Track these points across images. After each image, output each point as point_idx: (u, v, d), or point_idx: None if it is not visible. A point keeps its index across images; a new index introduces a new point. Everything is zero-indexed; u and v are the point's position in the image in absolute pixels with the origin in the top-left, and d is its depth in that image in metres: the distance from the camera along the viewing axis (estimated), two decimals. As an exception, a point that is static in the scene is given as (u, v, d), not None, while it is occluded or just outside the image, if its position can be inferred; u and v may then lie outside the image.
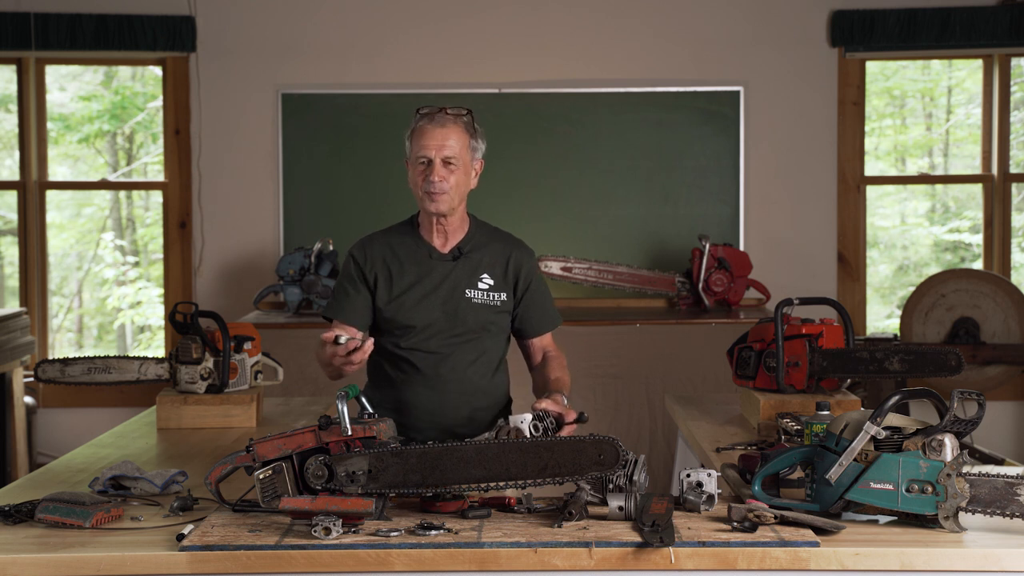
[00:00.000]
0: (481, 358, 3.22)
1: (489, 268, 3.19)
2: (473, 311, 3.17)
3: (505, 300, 3.19)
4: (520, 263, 3.22)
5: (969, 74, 7.11)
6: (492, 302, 3.18)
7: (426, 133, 3.08)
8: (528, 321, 3.27)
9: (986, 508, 2.44)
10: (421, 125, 3.10)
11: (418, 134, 3.10)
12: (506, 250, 3.22)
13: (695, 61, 6.34)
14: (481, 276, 3.18)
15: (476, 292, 3.17)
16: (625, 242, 6.28)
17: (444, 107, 3.11)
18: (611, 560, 2.38)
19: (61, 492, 2.66)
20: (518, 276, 3.21)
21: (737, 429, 3.66)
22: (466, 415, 3.22)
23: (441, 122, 3.08)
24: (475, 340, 3.20)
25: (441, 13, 6.34)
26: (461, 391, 3.21)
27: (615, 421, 5.47)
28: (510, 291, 3.20)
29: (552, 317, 3.32)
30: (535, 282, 3.25)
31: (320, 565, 2.39)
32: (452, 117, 3.10)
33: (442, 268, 3.17)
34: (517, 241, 3.27)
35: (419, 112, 3.14)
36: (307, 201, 6.28)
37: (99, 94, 7.44)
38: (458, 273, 3.17)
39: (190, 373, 3.82)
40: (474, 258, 3.19)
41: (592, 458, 2.51)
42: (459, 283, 3.16)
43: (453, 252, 3.17)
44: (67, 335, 7.71)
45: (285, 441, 2.62)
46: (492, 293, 3.18)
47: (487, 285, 3.17)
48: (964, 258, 7.39)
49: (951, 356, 3.51)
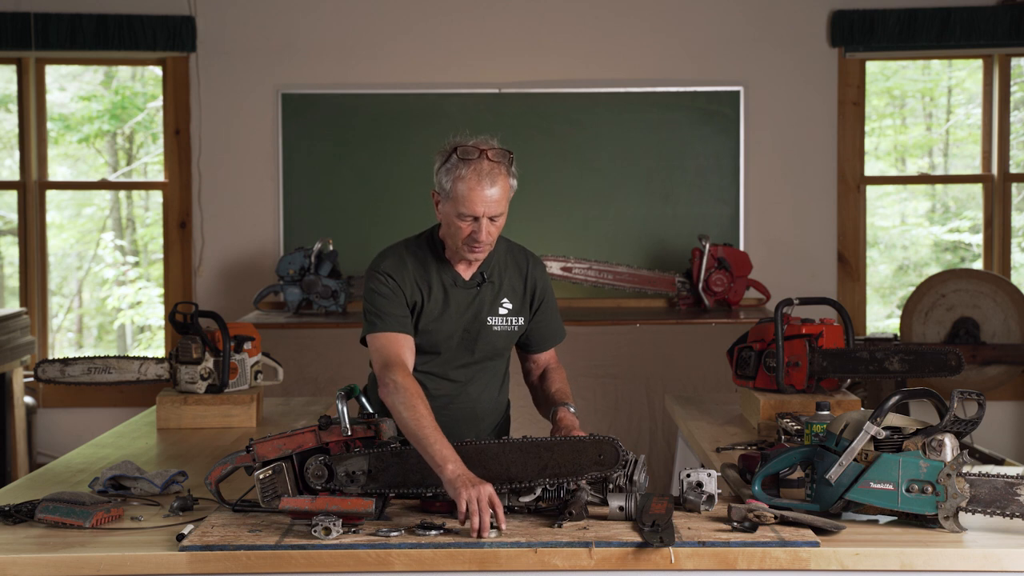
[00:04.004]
0: (492, 381, 3.19)
1: (509, 292, 3.12)
2: (493, 338, 3.11)
3: (522, 324, 3.14)
4: (535, 280, 3.15)
5: (969, 74, 7.11)
6: (511, 328, 3.12)
7: (475, 192, 2.88)
8: (537, 336, 3.20)
9: (986, 508, 2.44)
10: (469, 181, 2.88)
11: (466, 189, 2.88)
12: (522, 269, 3.14)
13: (695, 61, 6.34)
14: (502, 301, 3.10)
15: (497, 319, 3.10)
16: (625, 242, 6.27)
17: (485, 151, 2.91)
18: (611, 560, 2.38)
19: (61, 492, 2.66)
20: (534, 294, 3.15)
21: (737, 429, 3.66)
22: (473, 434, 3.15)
23: (492, 180, 2.89)
24: (490, 365, 3.16)
25: (441, 13, 6.34)
26: (472, 416, 3.17)
27: (615, 421, 5.47)
28: (528, 314, 3.15)
29: (559, 331, 3.26)
30: (548, 297, 3.19)
31: (320, 565, 2.39)
32: (498, 167, 2.91)
33: (466, 296, 3.07)
34: (528, 254, 3.19)
35: (461, 156, 2.90)
36: (307, 201, 6.28)
37: (99, 94, 7.43)
38: (480, 300, 3.08)
39: (190, 373, 3.82)
40: (495, 283, 3.11)
41: (592, 458, 2.52)
42: (481, 310, 3.08)
43: (476, 279, 3.08)
44: (67, 335, 7.71)
45: (285, 441, 2.62)
46: (511, 318, 3.11)
47: (507, 310, 3.11)
48: (964, 258, 7.39)
49: (951, 356, 3.51)
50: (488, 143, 2.93)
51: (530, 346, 3.21)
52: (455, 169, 2.89)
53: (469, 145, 2.91)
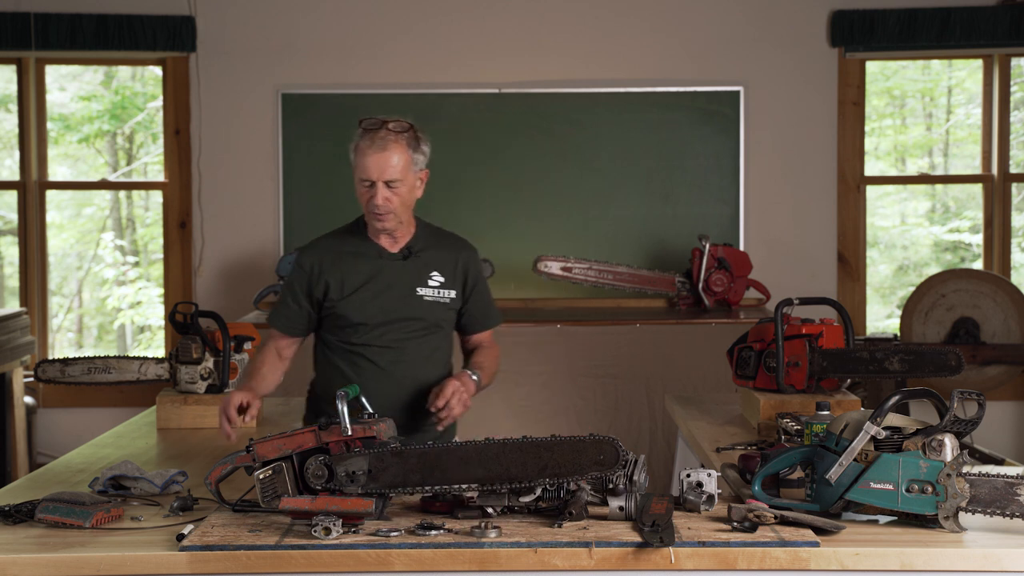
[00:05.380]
0: (434, 354, 3.29)
1: (439, 267, 3.26)
2: (425, 308, 3.23)
3: (454, 298, 3.28)
4: (468, 263, 3.30)
5: (969, 74, 7.11)
6: (442, 299, 3.25)
7: (368, 156, 3.11)
8: (473, 318, 3.34)
9: (986, 508, 2.44)
10: (363, 146, 3.13)
11: (360, 155, 3.13)
12: (454, 250, 3.30)
13: (695, 61, 6.34)
14: (431, 274, 3.25)
15: (427, 290, 3.24)
16: (625, 242, 6.27)
17: (386, 121, 3.12)
18: (611, 560, 2.38)
19: (61, 492, 2.66)
20: (466, 275, 3.29)
21: (737, 429, 3.66)
22: (420, 409, 3.26)
23: (383, 145, 3.10)
24: (428, 336, 3.27)
25: (441, 13, 6.34)
26: (416, 386, 3.27)
27: (615, 421, 5.47)
28: (459, 289, 3.28)
29: (495, 315, 3.41)
30: (481, 281, 3.34)
31: (320, 565, 2.39)
32: (394, 135, 3.12)
33: (393, 267, 3.23)
34: (463, 241, 3.35)
35: (362, 127, 3.15)
36: (307, 201, 6.28)
37: (99, 94, 7.44)
38: (409, 272, 3.23)
39: (190, 373, 3.82)
40: (423, 257, 3.25)
41: (592, 458, 2.51)
42: (411, 281, 3.22)
43: (403, 252, 3.24)
44: (67, 335, 7.71)
45: (285, 441, 2.62)
46: (442, 290, 3.25)
47: (437, 283, 3.25)
48: (964, 258, 7.39)
49: (951, 356, 3.51)
50: (394, 117, 3.15)
51: (468, 328, 3.37)
52: (357, 140, 3.15)
53: (373, 118, 3.15)
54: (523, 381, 5.38)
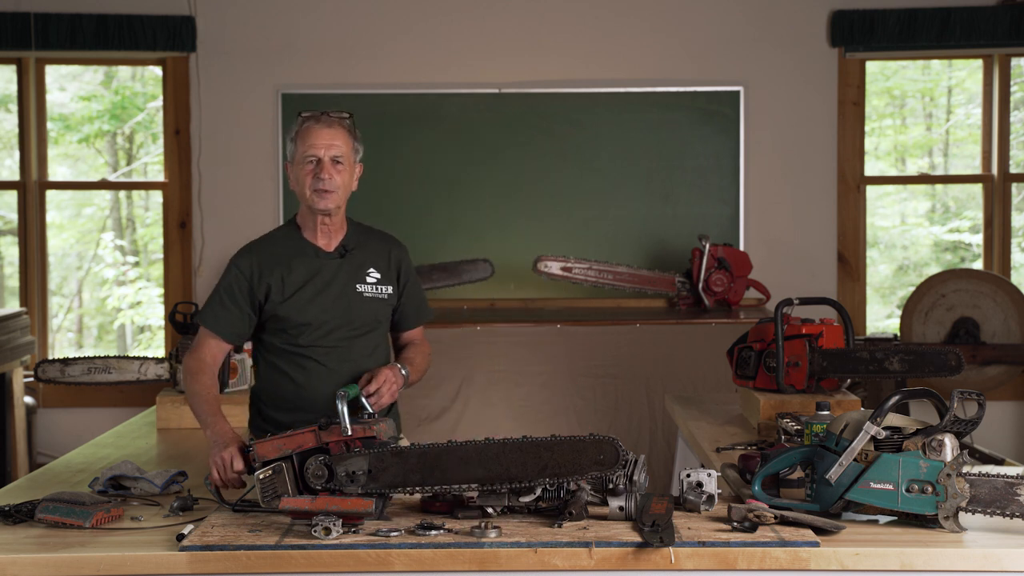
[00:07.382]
0: (376, 351, 3.28)
1: (374, 263, 3.28)
2: (365, 305, 3.24)
3: (391, 293, 3.29)
4: (400, 258, 3.32)
5: (969, 74, 7.11)
6: (381, 295, 3.26)
7: (314, 133, 3.15)
8: (406, 314, 3.34)
9: (986, 508, 2.44)
10: (308, 126, 3.17)
11: (305, 134, 3.17)
12: (386, 246, 3.32)
13: (695, 61, 6.34)
14: (368, 271, 3.26)
15: (366, 286, 3.25)
16: (625, 242, 6.27)
17: (327, 110, 3.20)
18: (611, 560, 2.38)
19: (61, 492, 2.67)
20: (399, 270, 3.31)
21: (737, 429, 3.66)
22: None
23: (328, 123, 3.17)
24: (370, 334, 3.27)
25: (441, 13, 6.34)
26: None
27: (615, 421, 5.47)
28: (394, 285, 3.30)
29: (427, 311, 3.42)
30: (412, 277, 3.35)
31: (320, 565, 2.39)
32: (336, 120, 3.19)
33: (330, 266, 3.23)
34: (392, 238, 3.38)
35: (302, 115, 3.22)
36: (307, 201, 6.27)
37: (99, 94, 7.44)
38: (346, 269, 3.24)
39: (190, 373, 3.81)
40: (358, 255, 3.26)
41: (592, 458, 2.51)
42: (349, 279, 3.23)
43: (339, 250, 3.24)
44: (67, 335, 7.71)
45: (285, 441, 2.62)
46: (380, 286, 3.26)
47: (375, 279, 3.26)
48: (964, 258, 7.39)
49: (951, 356, 3.51)
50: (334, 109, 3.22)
51: (401, 324, 3.36)
52: (297, 127, 3.18)
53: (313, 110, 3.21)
54: (523, 381, 5.38)
